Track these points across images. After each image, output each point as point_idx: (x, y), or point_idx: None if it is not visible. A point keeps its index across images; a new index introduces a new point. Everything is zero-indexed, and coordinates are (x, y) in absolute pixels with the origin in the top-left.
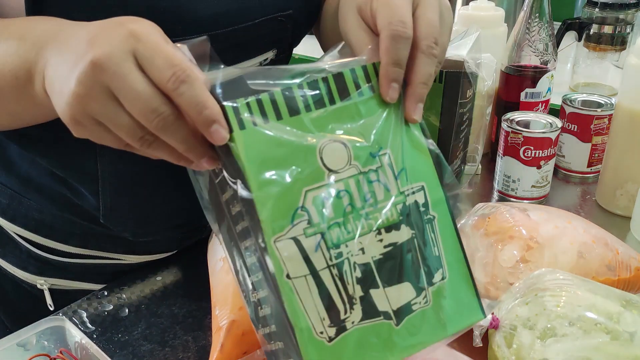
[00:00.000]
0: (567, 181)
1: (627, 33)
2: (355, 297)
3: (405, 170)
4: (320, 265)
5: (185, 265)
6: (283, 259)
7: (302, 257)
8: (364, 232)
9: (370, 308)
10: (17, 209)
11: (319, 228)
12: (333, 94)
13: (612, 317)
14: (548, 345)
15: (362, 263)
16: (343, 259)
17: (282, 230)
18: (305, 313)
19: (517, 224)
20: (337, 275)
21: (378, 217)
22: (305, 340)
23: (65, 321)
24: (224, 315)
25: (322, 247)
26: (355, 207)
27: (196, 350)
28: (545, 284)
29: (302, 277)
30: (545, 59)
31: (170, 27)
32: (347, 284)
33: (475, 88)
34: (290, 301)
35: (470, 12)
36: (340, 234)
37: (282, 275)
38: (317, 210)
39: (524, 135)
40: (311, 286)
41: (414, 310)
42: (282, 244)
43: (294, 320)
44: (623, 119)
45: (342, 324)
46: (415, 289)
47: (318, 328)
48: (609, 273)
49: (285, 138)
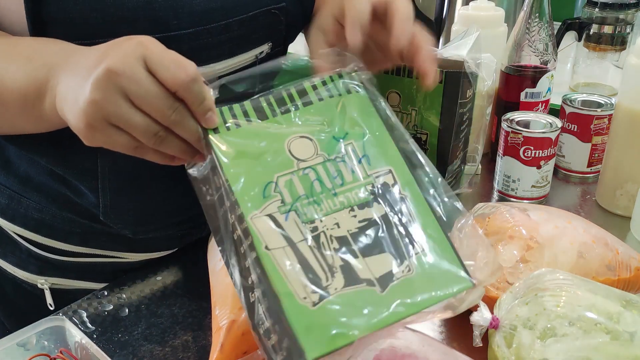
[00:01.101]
0: (567, 181)
1: (627, 33)
2: (335, 265)
3: (367, 156)
4: (296, 238)
5: (185, 265)
6: (260, 232)
7: (279, 231)
8: (336, 209)
9: (352, 275)
10: (16, 209)
11: (293, 206)
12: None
13: (612, 317)
14: (548, 345)
15: (339, 236)
16: (319, 232)
17: (257, 209)
18: (287, 280)
19: (517, 224)
20: (315, 246)
21: (349, 196)
22: (289, 304)
23: (65, 321)
24: (224, 315)
25: (297, 222)
26: (325, 187)
27: (196, 350)
28: (545, 284)
29: (281, 249)
30: (545, 59)
31: (166, 21)
32: (325, 254)
33: (475, 88)
34: (271, 270)
35: (470, 12)
36: (313, 210)
37: (261, 247)
38: (289, 191)
39: (524, 135)
40: (290, 256)
41: (398, 278)
42: (258, 220)
43: (276, 287)
44: (623, 119)
45: (325, 290)
46: (396, 259)
47: (301, 294)
48: (609, 273)
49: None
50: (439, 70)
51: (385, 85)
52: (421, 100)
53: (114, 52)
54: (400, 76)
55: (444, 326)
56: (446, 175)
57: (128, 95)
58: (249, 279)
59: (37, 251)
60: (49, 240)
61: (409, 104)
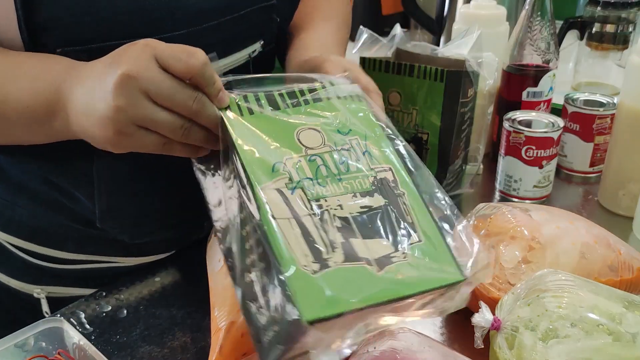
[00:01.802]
0: (569, 181)
1: (629, 32)
2: (337, 242)
3: (369, 152)
4: (302, 212)
5: (184, 267)
6: (268, 202)
7: (285, 204)
8: (341, 192)
9: (352, 253)
10: (9, 217)
11: (300, 184)
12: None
13: (614, 318)
14: (550, 347)
15: (341, 216)
16: (323, 210)
17: (267, 182)
18: (289, 247)
19: (519, 224)
20: (319, 222)
21: (353, 183)
22: (289, 269)
23: (64, 322)
24: (223, 317)
25: (303, 198)
26: (331, 171)
27: (195, 351)
28: (547, 284)
29: (286, 220)
30: (547, 58)
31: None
32: (327, 230)
33: (476, 87)
34: (274, 237)
35: (472, 11)
36: (319, 190)
37: (267, 215)
38: (297, 172)
39: (525, 135)
40: (294, 227)
41: (394, 262)
42: (266, 191)
43: (278, 253)
44: (625, 118)
45: (325, 262)
46: (393, 245)
47: (302, 262)
48: (611, 274)
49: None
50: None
51: (386, 85)
52: (422, 99)
53: (124, 58)
54: (401, 75)
55: (445, 327)
56: (447, 175)
57: (149, 95)
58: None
59: (32, 260)
60: (44, 248)
61: (410, 104)
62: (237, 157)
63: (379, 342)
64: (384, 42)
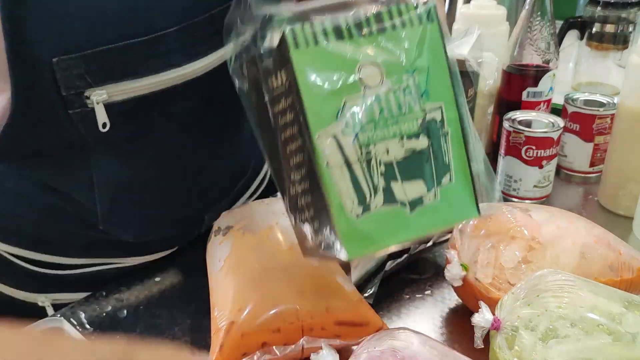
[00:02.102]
0: (569, 181)
1: (629, 32)
2: (379, 186)
3: (427, 91)
4: (353, 159)
5: (184, 267)
6: (324, 150)
7: (339, 151)
8: (389, 137)
9: (390, 196)
10: (8, 228)
11: (354, 129)
12: (372, 26)
13: (615, 318)
14: (550, 347)
15: (386, 161)
16: (371, 156)
17: (324, 127)
18: (339, 194)
19: (519, 224)
20: (366, 168)
21: (402, 126)
22: (338, 214)
23: (64, 322)
24: (223, 317)
25: (356, 145)
26: (384, 116)
27: (195, 351)
28: (547, 284)
29: (338, 167)
30: (547, 57)
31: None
32: (373, 175)
33: (476, 87)
34: (328, 185)
35: (472, 11)
36: (370, 136)
37: (323, 164)
38: (353, 116)
39: (525, 135)
40: (345, 174)
41: (424, 203)
42: (323, 139)
43: (330, 200)
44: (625, 118)
45: (367, 205)
46: (427, 186)
47: (348, 206)
48: (611, 274)
49: (330, 58)
50: None
51: None
52: None
53: None
54: None
55: (445, 327)
56: None
57: None
58: (294, 187)
59: (36, 269)
60: (47, 255)
61: None
62: (298, 96)
63: (379, 342)
64: None
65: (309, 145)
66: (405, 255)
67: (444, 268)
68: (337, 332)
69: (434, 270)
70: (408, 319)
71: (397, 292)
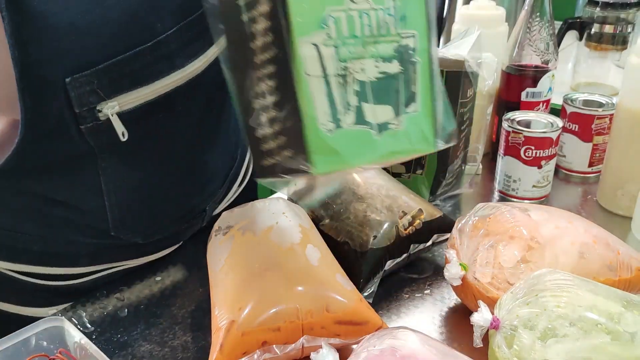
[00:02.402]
0: (568, 181)
1: (628, 32)
2: (352, 104)
3: (405, 17)
4: (331, 71)
5: (185, 266)
6: (305, 57)
7: (319, 61)
8: (366, 55)
9: (361, 116)
10: (11, 247)
11: (335, 42)
12: None
13: (613, 317)
14: (549, 346)
15: (361, 80)
16: (348, 71)
17: (307, 35)
18: (314, 106)
19: (518, 224)
20: (342, 83)
21: (379, 47)
22: (310, 126)
23: (64, 321)
24: (223, 316)
25: (335, 58)
26: (364, 33)
27: (195, 350)
28: (546, 284)
29: (316, 77)
30: (546, 58)
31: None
32: (347, 92)
33: (475, 87)
34: (304, 94)
35: (471, 12)
36: (348, 52)
37: (302, 72)
38: (336, 28)
39: (524, 135)
40: (321, 86)
41: (390, 129)
42: (305, 46)
43: (304, 110)
44: (624, 118)
45: (339, 122)
46: (394, 112)
47: (321, 119)
48: (609, 273)
49: None
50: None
51: None
52: None
53: None
54: None
55: (445, 327)
56: (447, 175)
57: None
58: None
59: (44, 283)
60: (57, 268)
61: None
62: None
63: (378, 341)
64: None
65: (289, 52)
66: (405, 254)
67: (443, 267)
68: (337, 331)
69: (434, 269)
70: (407, 318)
71: (397, 292)
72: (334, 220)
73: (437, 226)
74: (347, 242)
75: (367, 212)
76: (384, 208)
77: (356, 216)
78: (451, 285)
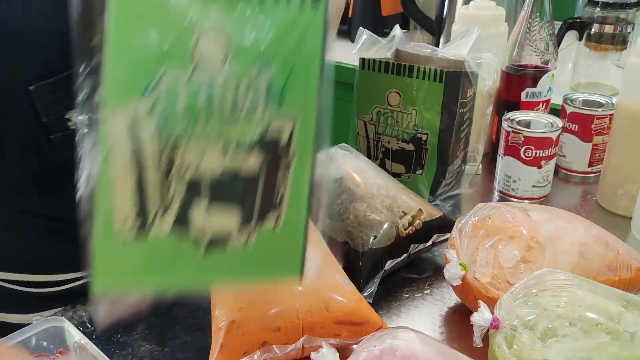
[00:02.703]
0: (568, 181)
1: (628, 32)
2: (175, 204)
3: (283, 94)
4: (147, 153)
5: None
6: (112, 133)
7: (131, 139)
8: (210, 139)
9: (185, 221)
10: None
11: (163, 114)
12: None
13: (613, 317)
14: (549, 346)
15: (196, 175)
16: (177, 161)
17: (123, 103)
18: (111, 205)
19: (518, 224)
20: (164, 175)
21: (232, 132)
22: (102, 231)
23: (64, 321)
24: (223, 316)
25: (159, 139)
26: (210, 110)
27: (196, 350)
28: (545, 284)
29: (123, 162)
30: (546, 58)
31: None
32: (170, 187)
33: (475, 87)
34: (102, 183)
35: (471, 12)
36: (184, 132)
37: (103, 152)
38: (167, 97)
39: (524, 135)
40: (130, 176)
41: (228, 246)
42: (117, 115)
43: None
44: (624, 118)
45: (147, 229)
46: (242, 221)
47: (118, 225)
48: (609, 273)
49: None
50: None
51: (386, 85)
52: (421, 100)
53: None
54: (401, 76)
55: (445, 327)
56: (447, 175)
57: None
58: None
59: (29, 290)
60: (40, 276)
61: (409, 104)
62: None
63: (378, 341)
64: (384, 43)
65: (98, 120)
66: (405, 254)
67: (443, 267)
68: (337, 331)
69: (434, 269)
70: (407, 318)
71: (397, 292)
72: (334, 220)
73: (437, 226)
74: (347, 242)
75: (367, 212)
76: (384, 208)
77: (356, 216)
78: (451, 285)
